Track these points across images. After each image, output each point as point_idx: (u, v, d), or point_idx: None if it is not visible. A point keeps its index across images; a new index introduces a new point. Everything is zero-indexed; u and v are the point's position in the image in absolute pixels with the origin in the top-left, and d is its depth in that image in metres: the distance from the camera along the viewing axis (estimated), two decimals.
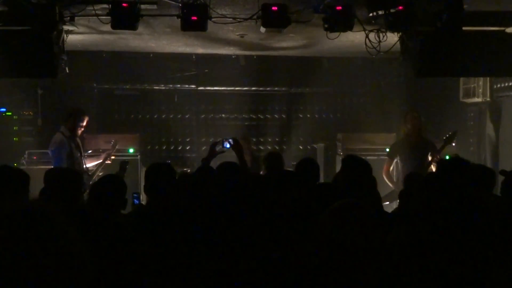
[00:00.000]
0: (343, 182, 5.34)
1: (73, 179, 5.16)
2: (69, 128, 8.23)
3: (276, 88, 11.75)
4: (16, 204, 1.69)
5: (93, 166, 8.71)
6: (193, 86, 11.54)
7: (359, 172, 5.42)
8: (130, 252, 4.27)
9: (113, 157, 8.78)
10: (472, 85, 10.41)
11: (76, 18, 7.10)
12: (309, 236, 3.58)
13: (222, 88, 11.57)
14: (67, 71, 8.03)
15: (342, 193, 4.62)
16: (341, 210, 2.78)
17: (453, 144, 8.47)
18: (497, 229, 3.94)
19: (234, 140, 7.21)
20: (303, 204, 4.47)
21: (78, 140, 8.39)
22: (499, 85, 10.07)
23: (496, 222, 4.10)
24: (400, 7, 6.51)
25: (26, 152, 9.78)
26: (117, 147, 9.03)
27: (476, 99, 10.43)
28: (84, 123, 8.35)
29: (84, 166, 8.40)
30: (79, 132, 8.34)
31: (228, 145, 7.17)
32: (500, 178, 5.27)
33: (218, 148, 7.02)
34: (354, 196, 4.80)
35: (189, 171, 10.79)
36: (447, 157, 8.46)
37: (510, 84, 9.70)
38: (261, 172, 7.87)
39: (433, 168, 8.05)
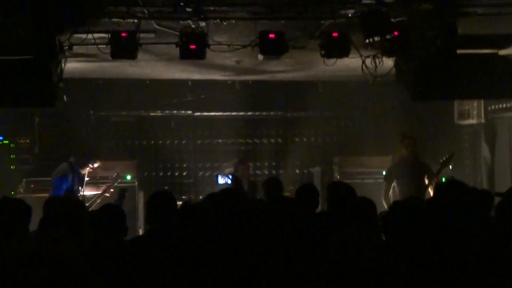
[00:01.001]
0: (332, 209, 5.41)
1: (75, 209, 5.16)
2: (78, 163, 8.30)
3: (272, 113, 11.80)
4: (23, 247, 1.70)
5: (91, 196, 8.72)
6: (189, 111, 11.59)
7: (344, 197, 5.50)
8: (132, 280, 4.30)
9: (112, 190, 8.78)
10: (467, 107, 10.49)
11: (74, 47, 7.15)
12: (313, 264, 3.61)
13: (219, 113, 11.63)
14: (65, 99, 8.09)
15: (341, 221, 4.67)
16: (347, 240, 2.81)
17: (450, 167, 8.51)
18: (492, 252, 3.97)
19: (232, 175, 7.31)
20: (304, 232, 4.50)
21: (84, 173, 8.43)
22: (493, 107, 10.15)
23: (490, 246, 4.14)
24: (396, 33, 6.58)
25: (24, 180, 9.77)
26: (119, 180, 9.03)
27: (471, 121, 10.50)
28: (95, 166, 8.42)
29: (80, 194, 8.45)
30: (85, 170, 8.41)
31: (228, 181, 7.29)
32: (497, 200, 5.31)
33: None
34: (352, 222, 4.86)
35: (185, 197, 10.83)
36: (443, 180, 8.52)
37: (504, 105, 9.78)
38: (258, 197, 7.90)
39: (431, 191, 8.09)
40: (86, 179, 8.93)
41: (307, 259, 4.10)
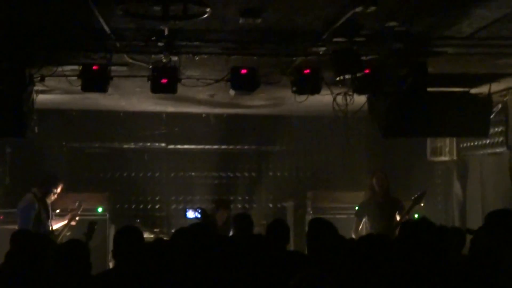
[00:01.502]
0: (310, 246, 5.39)
1: (40, 244, 5.12)
2: (42, 192, 8.27)
3: (246, 146, 11.78)
4: None
5: (59, 227, 8.67)
6: (163, 144, 11.53)
7: (324, 234, 5.47)
8: None
9: (78, 218, 8.73)
10: (439, 144, 10.57)
11: (46, 78, 7.12)
12: None
13: (192, 146, 11.58)
14: (36, 131, 8.03)
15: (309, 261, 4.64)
16: (305, 282, 2.78)
17: (422, 205, 8.54)
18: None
19: (201, 209, 7.26)
20: (272, 271, 4.47)
21: (49, 203, 8.41)
22: (465, 144, 10.23)
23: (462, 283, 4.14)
24: (367, 71, 6.62)
25: None
26: (82, 207, 8.98)
27: (443, 158, 10.57)
28: (58, 191, 8.40)
29: (50, 228, 8.40)
30: (52, 198, 8.39)
31: (197, 215, 7.25)
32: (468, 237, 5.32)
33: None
34: (324, 259, 4.83)
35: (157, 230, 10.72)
36: (416, 216, 8.54)
37: (476, 143, 9.86)
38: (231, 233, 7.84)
39: None
40: (57, 211, 8.88)
41: None
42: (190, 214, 7.89)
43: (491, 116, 8.12)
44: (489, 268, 4.44)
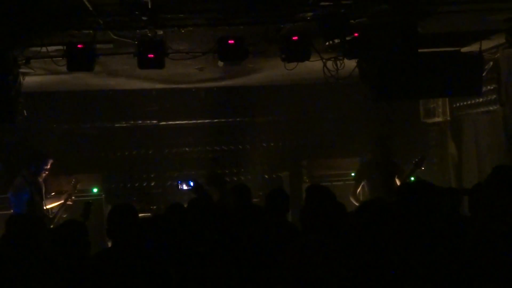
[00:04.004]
0: (309, 214, 5.34)
1: (35, 227, 5.08)
2: (32, 172, 8.17)
3: (238, 119, 11.70)
4: None
5: (54, 207, 8.61)
6: (154, 121, 11.45)
7: (323, 201, 5.42)
8: None
9: (74, 198, 8.67)
10: (432, 105, 10.52)
11: (31, 60, 7.01)
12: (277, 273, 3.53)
13: (184, 121, 11.50)
14: (25, 114, 7.94)
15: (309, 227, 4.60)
16: (303, 248, 2.74)
17: (422, 168, 8.50)
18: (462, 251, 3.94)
19: (194, 181, 7.22)
20: (272, 241, 4.44)
21: (41, 182, 8.31)
22: (458, 104, 10.18)
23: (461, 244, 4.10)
24: (356, 34, 6.53)
25: None
26: (78, 186, 8.92)
27: (436, 119, 10.54)
28: (48, 166, 8.30)
29: (45, 208, 8.34)
30: (43, 175, 8.29)
31: (186, 187, 7.23)
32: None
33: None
34: (322, 227, 4.78)
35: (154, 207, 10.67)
36: (412, 179, 8.51)
37: (469, 102, 9.81)
38: None
39: None
40: (52, 194, 8.81)
41: (274, 268, 4.03)
42: (184, 186, 7.86)
43: (483, 74, 8.06)
44: (489, 226, 4.41)
